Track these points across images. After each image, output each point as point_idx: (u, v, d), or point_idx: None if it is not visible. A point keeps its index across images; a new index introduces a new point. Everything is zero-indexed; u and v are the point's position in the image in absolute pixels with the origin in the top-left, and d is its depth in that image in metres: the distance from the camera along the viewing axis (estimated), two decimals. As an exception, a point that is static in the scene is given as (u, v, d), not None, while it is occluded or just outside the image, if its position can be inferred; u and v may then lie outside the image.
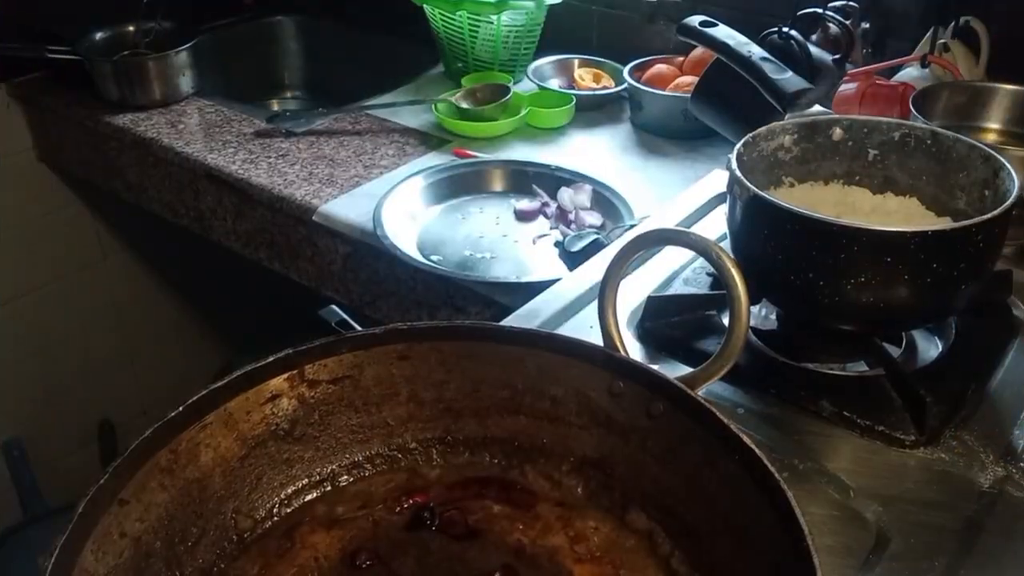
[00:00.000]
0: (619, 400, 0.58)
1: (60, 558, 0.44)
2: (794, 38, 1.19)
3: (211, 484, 0.54)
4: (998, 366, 0.90)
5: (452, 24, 1.84)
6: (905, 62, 1.42)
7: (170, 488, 0.52)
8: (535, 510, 0.59)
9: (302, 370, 0.57)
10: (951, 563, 0.69)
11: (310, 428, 0.59)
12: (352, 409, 0.60)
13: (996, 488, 0.76)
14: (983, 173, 0.90)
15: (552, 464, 0.61)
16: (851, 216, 0.84)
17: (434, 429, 0.62)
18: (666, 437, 0.57)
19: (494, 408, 0.62)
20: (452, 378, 0.61)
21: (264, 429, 0.57)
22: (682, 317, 0.93)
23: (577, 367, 0.59)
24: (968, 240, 0.79)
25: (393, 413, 0.61)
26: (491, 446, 0.62)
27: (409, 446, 0.62)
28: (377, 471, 0.61)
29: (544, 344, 0.59)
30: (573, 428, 0.60)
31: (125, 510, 0.49)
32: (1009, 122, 1.24)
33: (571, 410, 0.60)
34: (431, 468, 0.62)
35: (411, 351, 0.60)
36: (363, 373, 0.59)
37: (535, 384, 0.60)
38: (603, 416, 0.59)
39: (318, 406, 0.59)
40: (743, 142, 0.91)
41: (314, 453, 0.59)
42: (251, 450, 0.56)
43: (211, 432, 0.54)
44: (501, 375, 0.61)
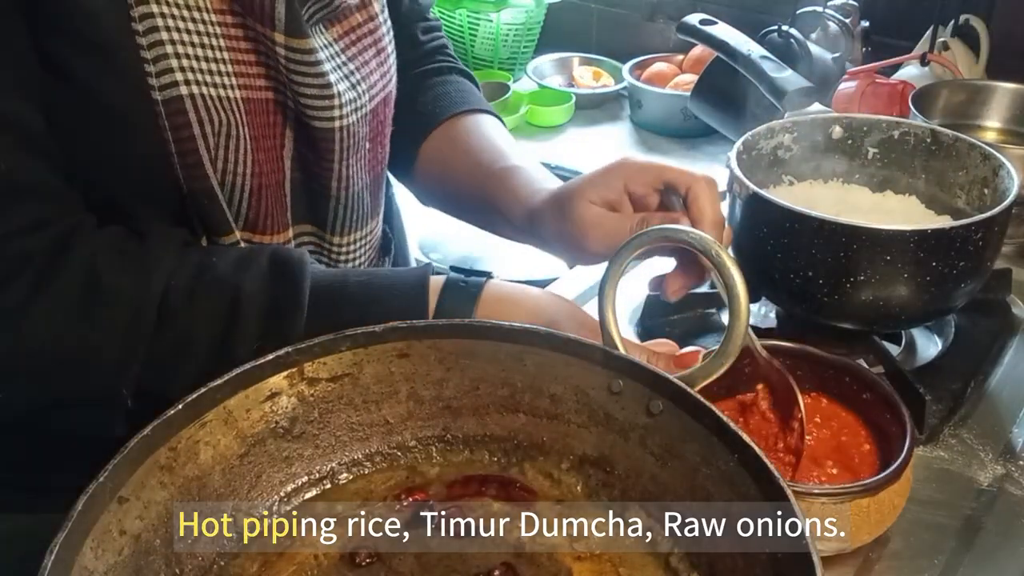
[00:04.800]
0: (618, 398, 0.58)
1: (60, 555, 0.43)
2: (794, 36, 1.19)
3: (211, 482, 0.54)
4: (997, 364, 0.90)
5: (452, 22, 1.84)
6: (905, 60, 1.42)
7: (170, 486, 0.52)
8: (534, 507, 0.58)
9: (301, 368, 0.57)
10: (950, 561, 0.69)
11: (309, 426, 0.59)
12: (352, 407, 0.60)
13: (995, 486, 0.76)
14: (982, 171, 0.90)
15: (551, 462, 0.61)
16: (850, 215, 0.84)
17: (433, 427, 0.62)
18: (666, 435, 0.57)
19: (493, 406, 0.62)
20: (451, 376, 0.61)
21: (264, 427, 0.56)
22: (682, 315, 0.94)
23: (576, 365, 0.59)
24: (967, 239, 0.79)
25: (393, 411, 0.61)
26: (490, 444, 0.62)
27: (408, 444, 0.62)
28: (376, 469, 0.61)
29: (543, 342, 0.59)
30: (572, 426, 0.60)
31: (124, 508, 0.49)
32: (1008, 120, 1.24)
33: (570, 408, 0.60)
34: (430, 466, 0.61)
35: (410, 349, 0.59)
36: (362, 371, 0.59)
37: (534, 382, 0.60)
38: (602, 414, 0.59)
39: (318, 404, 0.59)
40: (743, 140, 0.91)
41: (313, 451, 0.59)
42: (251, 448, 0.56)
43: (210, 430, 0.54)
44: (500, 373, 0.61)
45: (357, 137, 0.75)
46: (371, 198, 0.81)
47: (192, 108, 0.66)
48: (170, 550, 0.51)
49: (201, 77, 0.66)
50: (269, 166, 0.72)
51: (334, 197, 0.76)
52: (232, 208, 0.71)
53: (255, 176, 0.71)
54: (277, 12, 0.66)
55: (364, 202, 0.79)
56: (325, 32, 0.72)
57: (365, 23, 0.75)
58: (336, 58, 0.73)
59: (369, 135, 0.77)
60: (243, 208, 0.72)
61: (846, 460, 0.70)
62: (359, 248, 0.81)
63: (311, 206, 0.77)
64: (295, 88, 0.69)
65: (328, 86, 0.70)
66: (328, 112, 0.71)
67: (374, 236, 0.84)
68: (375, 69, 0.76)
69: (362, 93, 0.74)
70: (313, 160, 0.74)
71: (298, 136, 0.73)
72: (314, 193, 0.76)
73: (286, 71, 0.68)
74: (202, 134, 0.67)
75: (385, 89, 0.78)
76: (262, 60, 0.69)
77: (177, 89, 0.65)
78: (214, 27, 0.66)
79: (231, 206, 0.71)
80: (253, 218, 0.73)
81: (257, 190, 0.72)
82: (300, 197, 0.76)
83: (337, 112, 0.71)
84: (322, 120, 0.71)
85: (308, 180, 0.75)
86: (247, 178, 0.71)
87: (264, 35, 0.67)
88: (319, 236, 0.79)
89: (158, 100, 0.65)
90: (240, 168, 0.70)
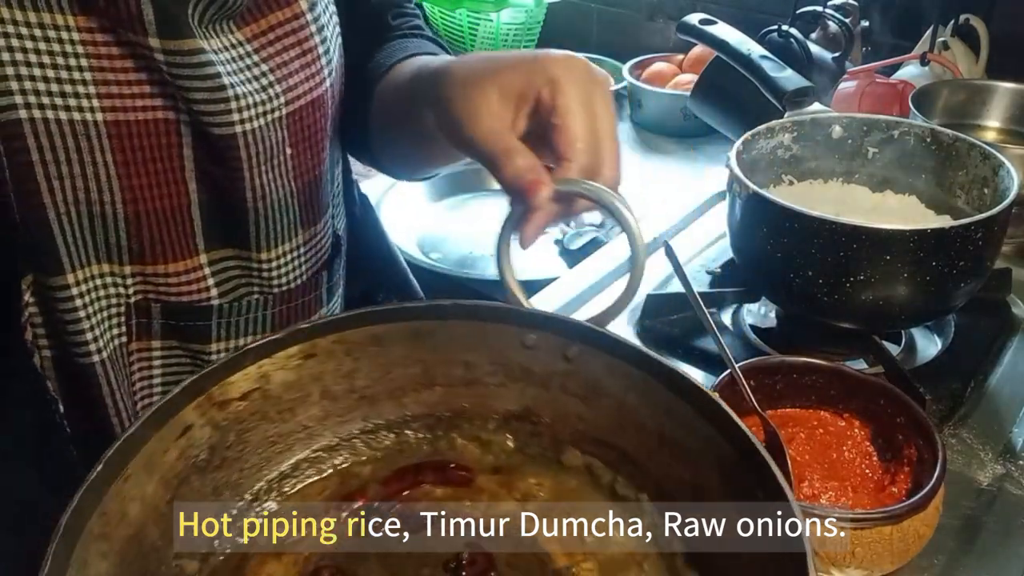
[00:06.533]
0: (533, 351, 0.58)
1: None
2: (794, 36, 1.19)
3: (147, 537, 0.50)
4: (997, 364, 0.90)
5: (452, 22, 1.84)
6: (904, 60, 1.42)
7: (110, 554, 0.48)
8: (475, 484, 0.59)
9: (209, 394, 0.53)
10: (950, 561, 0.69)
11: (229, 451, 0.55)
12: (267, 420, 0.57)
13: (995, 486, 0.76)
14: (982, 171, 0.90)
15: (477, 426, 0.61)
16: (850, 214, 0.84)
17: (352, 421, 0.60)
18: (586, 376, 0.57)
19: (408, 386, 0.60)
20: (361, 366, 0.59)
21: (184, 464, 0.53)
22: (681, 315, 0.94)
23: (485, 329, 0.58)
24: (967, 238, 0.79)
25: (308, 414, 0.59)
26: (412, 424, 0.61)
27: (332, 444, 0.60)
28: (307, 478, 0.59)
29: (451, 314, 0.58)
30: (491, 387, 0.60)
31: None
32: (1008, 120, 1.24)
33: (486, 371, 0.60)
34: (360, 465, 0.60)
35: (316, 348, 0.57)
36: (271, 381, 0.56)
37: (445, 354, 0.59)
38: (519, 370, 0.59)
39: (232, 426, 0.55)
40: (742, 140, 0.91)
41: (240, 475, 0.57)
42: (176, 490, 0.52)
43: (135, 482, 0.49)
44: (410, 352, 0.59)
45: (269, 143, 0.69)
46: (301, 207, 0.75)
47: (31, 133, 0.61)
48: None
49: (49, 100, 0.61)
50: (158, 191, 0.67)
51: (252, 209, 0.71)
52: (90, 240, 0.67)
53: (129, 203, 0.66)
54: (145, 15, 0.61)
55: (291, 211, 0.74)
56: (234, 32, 0.68)
57: (286, 22, 0.70)
58: (244, 59, 0.68)
59: (290, 140, 0.72)
60: (120, 238, 0.67)
61: (874, 485, 0.70)
62: (292, 261, 0.76)
63: (229, 226, 0.72)
64: (185, 95, 0.64)
65: (221, 88, 0.65)
66: (225, 117, 0.66)
67: (313, 246, 0.78)
68: (298, 70, 0.71)
69: (275, 96, 0.69)
70: (222, 174, 0.69)
71: (201, 153, 0.68)
72: (230, 210, 0.71)
73: (171, 78, 0.63)
74: (42, 160, 0.62)
75: (313, 92, 0.72)
76: (150, 78, 0.64)
77: (16, 112, 0.60)
78: (75, 46, 0.61)
79: (99, 238, 0.67)
80: (138, 248, 0.68)
81: (135, 218, 0.67)
82: (214, 219, 0.71)
83: (236, 116, 0.66)
84: (221, 127, 0.66)
85: (220, 198, 0.70)
86: (116, 206, 0.66)
87: (139, 44, 0.62)
88: (243, 257, 0.74)
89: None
90: (104, 196, 0.65)
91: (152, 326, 0.72)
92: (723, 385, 0.71)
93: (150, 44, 0.62)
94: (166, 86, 0.64)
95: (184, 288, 0.71)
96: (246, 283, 0.75)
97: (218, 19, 0.66)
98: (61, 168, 0.63)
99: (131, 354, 0.73)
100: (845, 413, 0.74)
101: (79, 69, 0.62)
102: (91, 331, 0.69)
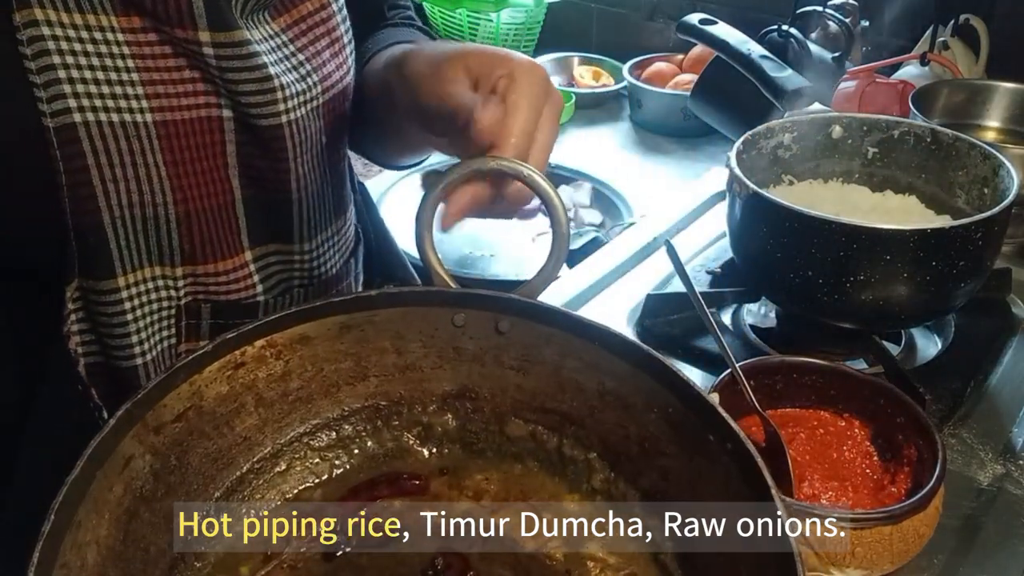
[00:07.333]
0: (464, 330, 0.58)
1: None
2: (794, 36, 1.19)
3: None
4: (997, 364, 0.90)
5: (452, 22, 1.84)
6: (905, 60, 1.42)
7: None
8: (430, 491, 0.59)
9: (144, 420, 0.52)
10: (950, 560, 0.69)
11: (172, 476, 0.54)
12: (205, 437, 0.56)
13: (995, 486, 0.76)
14: (982, 171, 0.90)
15: (417, 411, 0.61)
16: (850, 214, 0.84)
17: (291, 424, 0.60)
18: (520, 346, 0.58)
19: (342, 381, 0.60)
20: (291, 368, 0.58)
21: (131, 498, 0.51)
22: (681, 315, 0.94)
23: (412, 314, 0.58)
24: (967, 238, 0.79)
25: (245, 425, 0.58)
26: (351, 418, 0.61)
27: (273, 453, 0.59)
28: (253, 492, 0.58)
29: (377, 303, 0.58)
30: (425, 371, 0.60)
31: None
32: (1008, 120, 1.24)
33: (418, 356, 0.60)
34: (307, 472, 0.59)
35: (245, 356, 0.56)
36: (204, 397, 0.55)
37: (375, 343, 0.59)
38: (451, 350, 0.59)
39: (172, 449, 0.54)
40: (742, 140, 0.91)
41: (186, 497, 0.55)
42: (127, 526, 0.50)
43: (87, 527, 0.47)
44: (340, 347, 0.59)
45: (310, 131, 0.70)
46: (334, 195, 0.77)
47: (86, 136, 0.61)
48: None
49: (101, 103, 0.61)
50: (205, 189, 0.68)
51: (296, 200, 0.72)
52: (143, 244, 0.67)
53: (180, 204, 0.66)
54: (196, 7, 0.61)
55: (327, 200, 0.76)
56: (270, 23, 0.68)
57: (316, 11, 0.71)
58: (283, 48, 0.68)
59: (325, 129, 0.73)
60: (171, 240, 0.67)
61: (873, 484, 0.70)
62: (328, 250, 0.77)
63: (273, 221, 0.72)
64: (232, 88, 0.65)
65: (268, 79, 0.65)
66: (272, 107, 0.66)
67: (343, 235, 0.80)
68: (329, 60, 0.72)
69: (313, 85, 0.69)
70: (267, 167, 0.69)
71: (245, 148, 0.68)
72: (274, 204, 0.72)
73: (218, 71, 0.63)
74: (96, 164, 0.62)
75: (342, 81, 0.73)
76: (194, 75, 0.64)
77: (70, 116, 0.60)
78: (121, 47, 0.61)
79: (151, 241, 0.67)
80: (189, 249, 0.68)
81: (185, 218, 0.67)
82: (256, 215, 0.71)
83: (282, 106, 0.67)
84: (268, 117, 0.66)
85: (262, 193, 0.71)
86: (168, 207, 0.66)
87: (186, 40, 0.62)
88: (284, 251, 0.75)
89: (50, 127, 0.60)
90: (156, 198, 0.65)
91: (201, 326, 0.73)
92: (723, 385, 0.71)
93: (199, 39, 0.62)
94: (210, 83, 0.64)
95: (232, 286, 0.72)
96: (287, 276, 0.76)
97: (256, 10, 0.66)
98: (115, 171, 0.63)
99: (179, 356, 0.73)
100: (845, 413, 0.74)
101: (127, 70, 0.62)
102: (137, 334, 0.69)
